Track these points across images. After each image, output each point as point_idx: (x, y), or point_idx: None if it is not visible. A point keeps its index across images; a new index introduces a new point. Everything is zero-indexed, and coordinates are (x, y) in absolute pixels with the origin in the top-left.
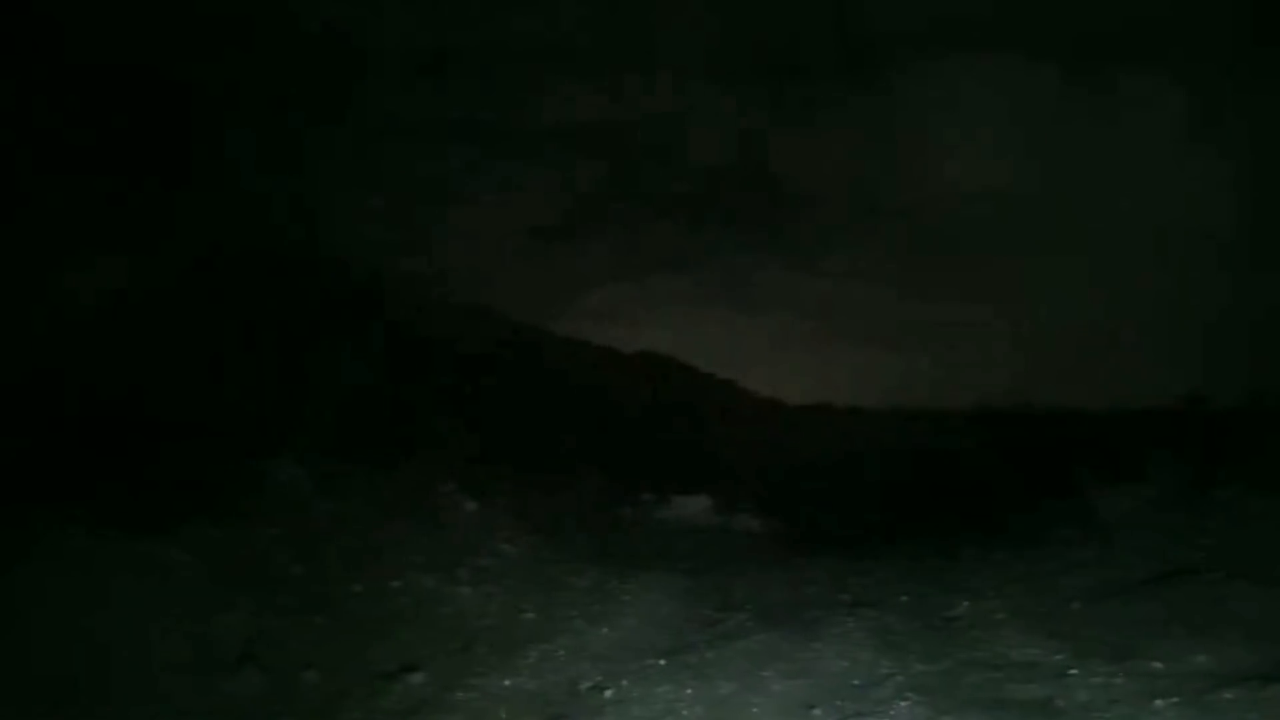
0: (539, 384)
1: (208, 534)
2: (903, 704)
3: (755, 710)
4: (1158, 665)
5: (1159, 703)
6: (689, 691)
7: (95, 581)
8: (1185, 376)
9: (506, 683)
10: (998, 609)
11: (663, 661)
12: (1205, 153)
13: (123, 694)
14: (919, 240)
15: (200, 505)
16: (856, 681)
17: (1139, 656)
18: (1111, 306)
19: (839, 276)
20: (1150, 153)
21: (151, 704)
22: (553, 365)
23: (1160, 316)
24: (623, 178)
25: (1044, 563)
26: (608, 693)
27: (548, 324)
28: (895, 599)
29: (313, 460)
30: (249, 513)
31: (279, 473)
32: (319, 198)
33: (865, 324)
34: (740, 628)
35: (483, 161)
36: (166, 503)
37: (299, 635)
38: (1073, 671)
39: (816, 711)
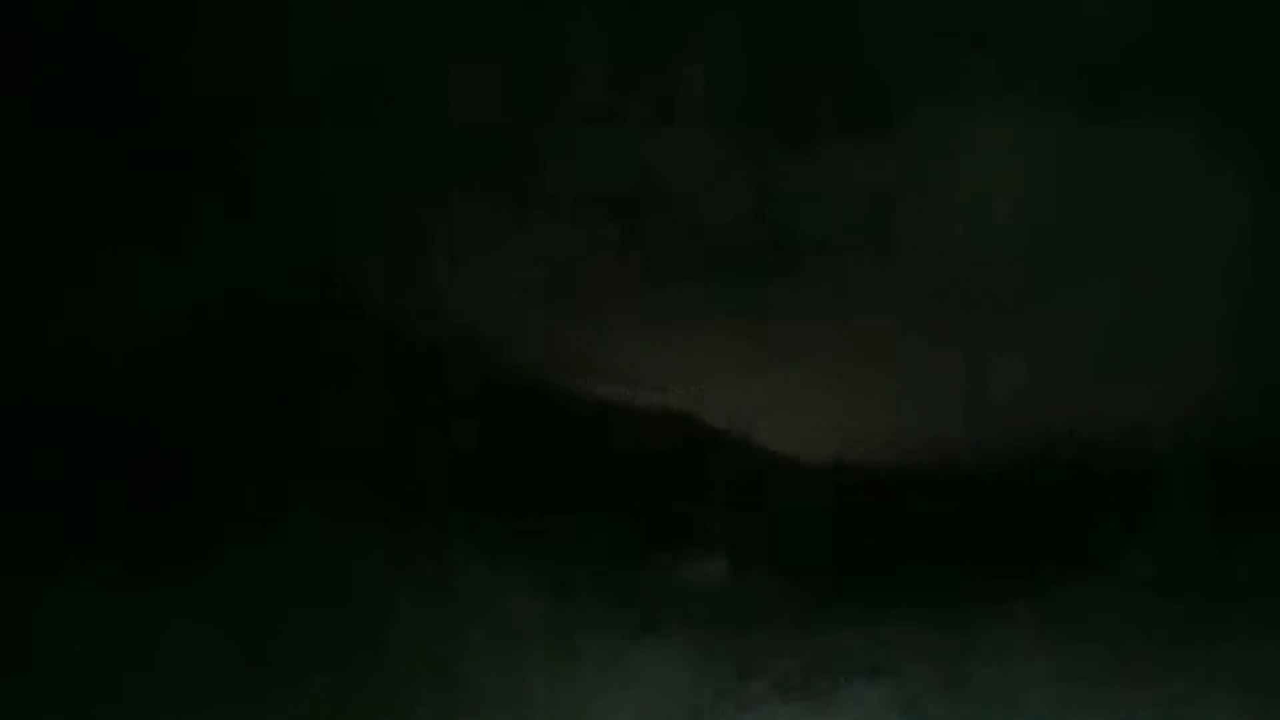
0: (554, 442)
1: (215, 590)
2: None
3: None
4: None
5: None
6: None
7: (99, 635)
8: (1210, 420)
9: None
10: (1021, 672)
11: None
12: (1227, 187)
13: None
14: (939, 290)
15: (209, 561)
16: None
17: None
18: (1135, 357)
19: (858, 330)
20: (1171, 188)
21: None
22: (568, 423)
23: (1184, 367)
24: (640, 234)
25: (1068, 624)
26: None
27: (564, 381)
28: (916, 663)
29: (324, 517)
30: (258, 569)
31: (289, 529)
32: (343, 252)
33: (885, 378)
34: (757, 695)
35: (502, 219)
36: (174, 558)
37: (304, 696)
38: None
39: None
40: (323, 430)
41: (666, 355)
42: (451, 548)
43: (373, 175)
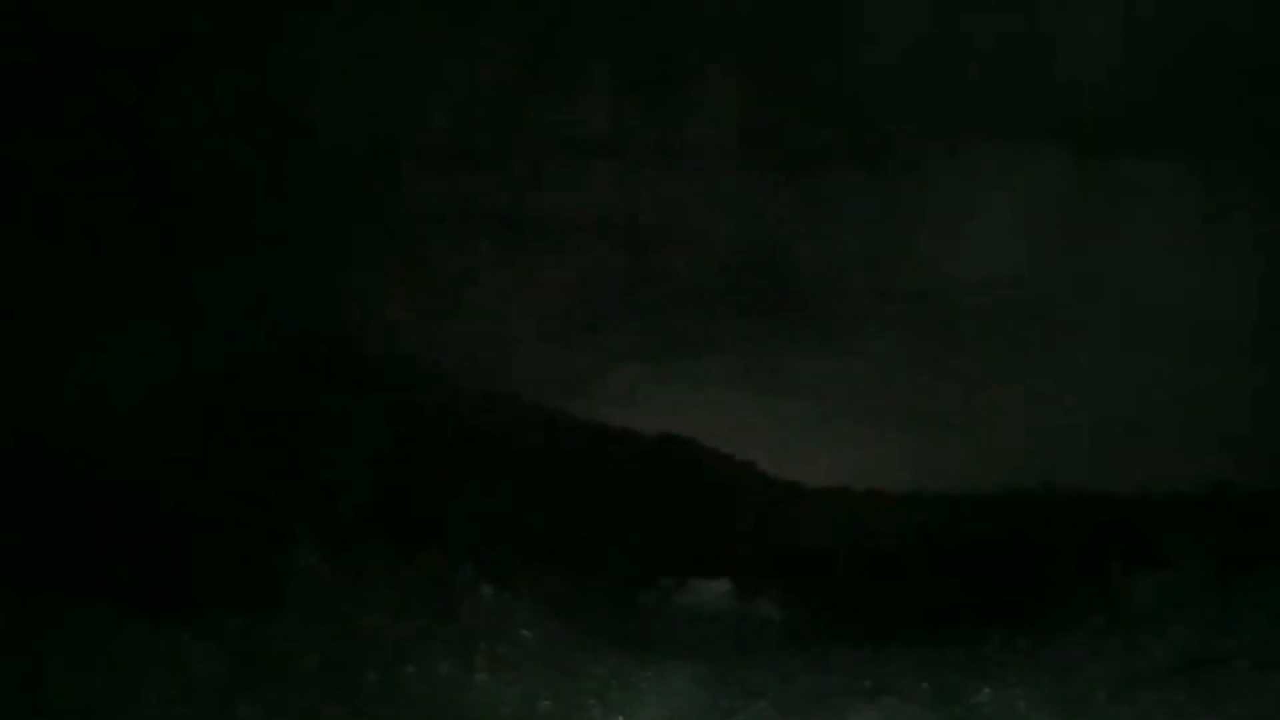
0: (559, 468)
1: (225, 623)
2: None
3: None
4: None
5: None
6: None
7: (112, 671)
8: (1210, 462)
9: None
10: (1021, 697)
11: None
12: (1223, 240)
13: None
14: (939, 324)
15: (218, 595)
16: None
17: None
18: (1135, 392)
19: (859, 360)
20: (1169, 237)
21: None
22: (572, 449)
23: (1184, 402)
24: (643, 264)
25: (1069, 650)
26: None
27: (568, 408)
28: (917, 687)
29: (331, 548)
30: (267, 602)
31: (297, 561)
32: (342, 284)
33: (886, 407)
34: (760, 716)
35: (505, 248)
36: (185, 593)
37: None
38: None
39: None
40: (330, 462)
41: (670, 383)
42: (457, 574)
43: (372, 207)
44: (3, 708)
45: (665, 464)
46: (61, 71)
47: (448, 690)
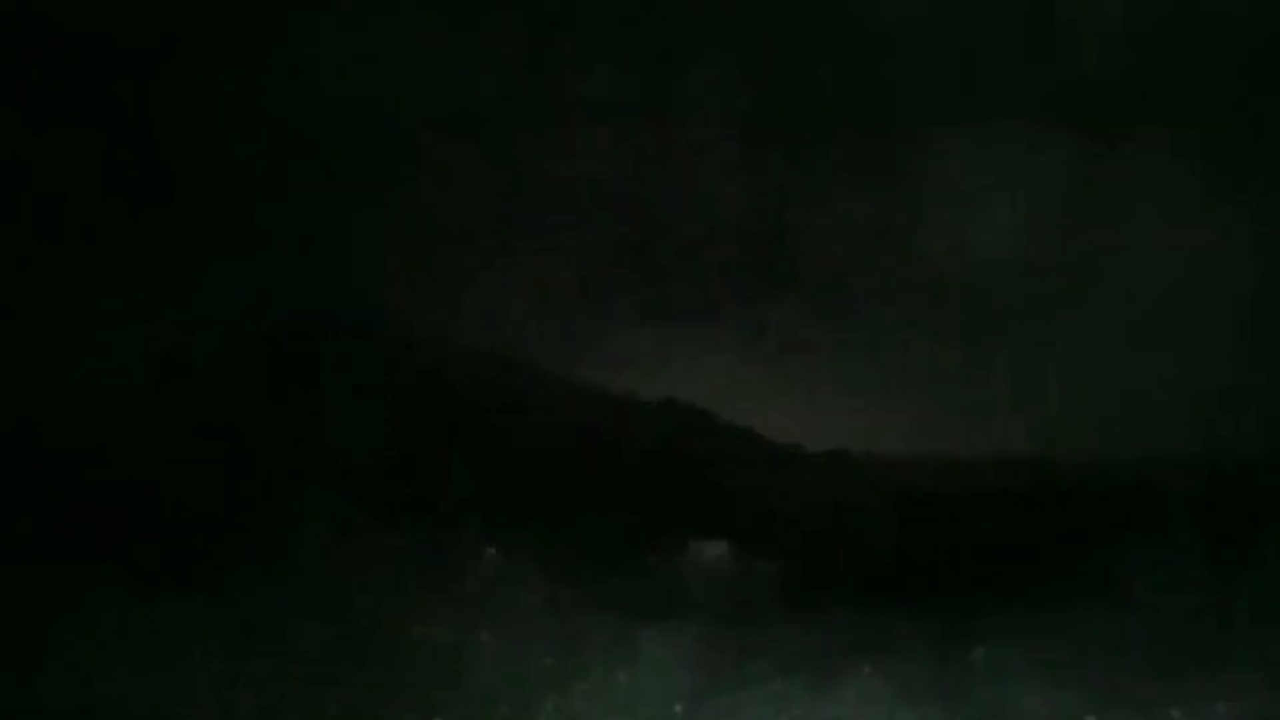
0: (560, 431)
1: (229, 590)
2: None
3: None
4: (1176, 714)
5: None
6: None
7: (115, 639)
8: (1207, 430)
9: None
10: (1016, 658)
11: (680, 709)
12: (1227, 211)
13: None
14: (937, 294)
15: (222, 561)
16: None
17: (1160, 705)
18: (1135, 360)
19: (859, 328)
20: (1172, 211)
21: None
22: (574, 413)
23: (1183, 375)
24: (645, 232)
25: (1063, 612)
26: None
27: (570, 373)
28: (913, 647)
29: (334, 513)
30: (271, 567)
31: (301, 526)
32: (347, 255)
33: (885, 374)
34: (758, 675)
35: (506, 215)
36: (189, 560)
37: (318, 688)
38: None
39: None
40: (334, 428)
41: (671, 350)
42: (458, 538)
43: (376, 176)
44: (8, 673)
45: (666, 429)
46: (62, 68)
47: (450, 651)
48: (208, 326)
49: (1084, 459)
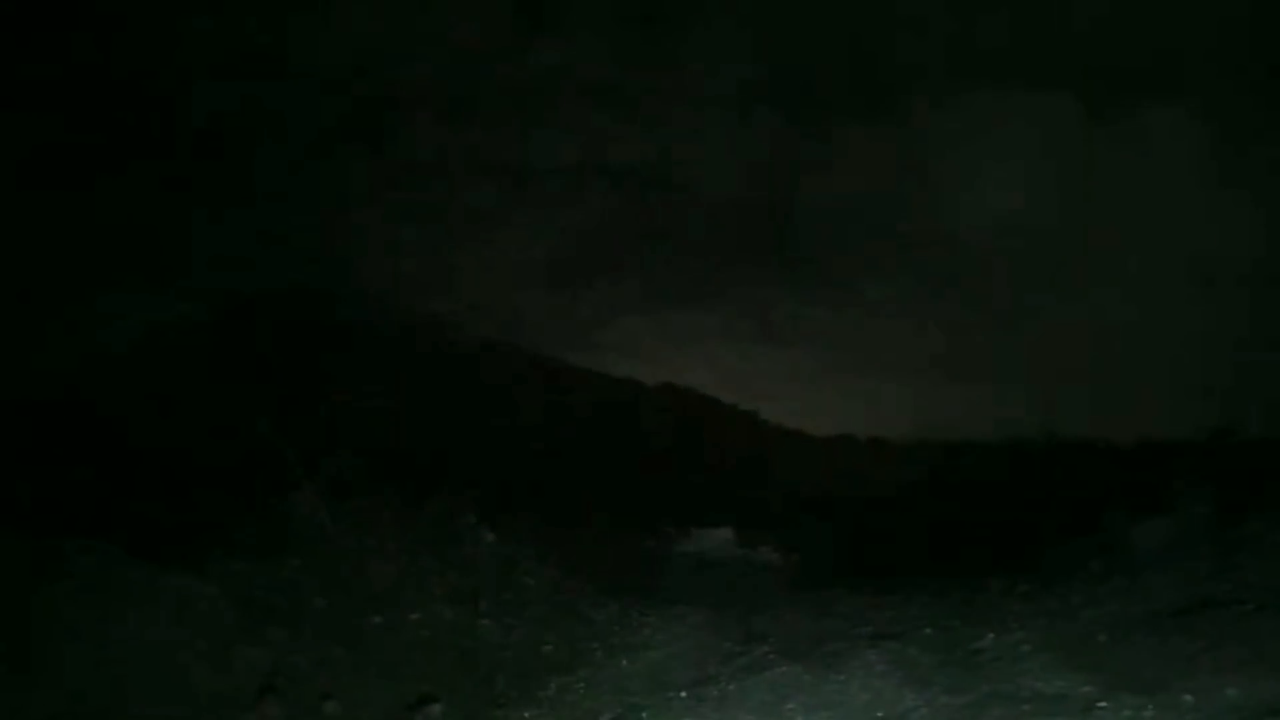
0: (561, 417)
1: (232, 567)
2: None
3: None
4: (1187, 698)
5: None
6: None
7: (121, 611)
8: (1213, 408)
9: (526, 714)
10: (1024, 641)
11: (684, 694)
12: (1231, 182)
13: None
14: (942, 272)
15: (225, 538)
16: (880, 714)
17: (1168, 689)
18: (1139, 338)
19: (862, 308)
20: (1176, 183)
21: None
22: (575, 398)
23: (1188, 347)
24: (645, 211)
25: (1071, 595)
26: None
27: (570, 358)
28: (919, 631)
29: (336, 494)
30: (273, 546)
31: (302, 506)
32: (348, 234)
33: (888, 355)
34: (762, 660)
35: (507, 198)
36: (193, 535)
37: (320, 667)
38: (1101, 704)
39: None
40: (335, 410)
41: (672, 331)
42: (460, 521)
43: (374, 154)
44: (13, 645)
45: (668, 414)
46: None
47: (452, 634)
48: (206, 298)
49: (1089, 442)
